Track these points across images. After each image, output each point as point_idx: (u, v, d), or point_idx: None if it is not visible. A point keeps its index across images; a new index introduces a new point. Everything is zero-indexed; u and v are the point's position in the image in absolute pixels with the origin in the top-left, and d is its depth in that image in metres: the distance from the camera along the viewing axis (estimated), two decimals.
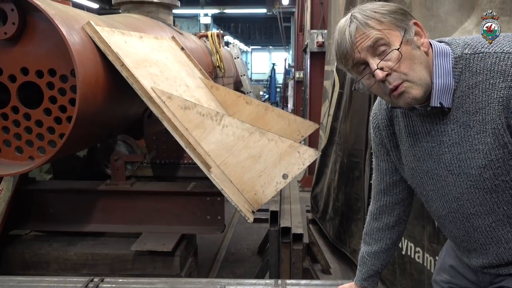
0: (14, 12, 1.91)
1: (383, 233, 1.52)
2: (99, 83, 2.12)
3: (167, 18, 3.75)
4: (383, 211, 1.50)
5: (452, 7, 2.23)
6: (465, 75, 1.14)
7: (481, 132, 1.13)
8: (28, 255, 2.41)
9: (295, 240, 2.78)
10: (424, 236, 2.50)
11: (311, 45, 6.24)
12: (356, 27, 1.14)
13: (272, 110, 3.18)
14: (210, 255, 4.13)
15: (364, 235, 1.57)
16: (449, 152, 1.21)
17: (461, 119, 1.16)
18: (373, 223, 1.54)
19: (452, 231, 1.33)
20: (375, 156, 1.48)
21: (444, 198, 1.27)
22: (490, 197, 1.19)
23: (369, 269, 1.54)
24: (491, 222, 1.22)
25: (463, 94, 1.15)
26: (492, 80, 1.10)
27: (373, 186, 1.53)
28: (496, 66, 1.09)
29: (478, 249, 1.29)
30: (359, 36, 1.14)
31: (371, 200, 1.55)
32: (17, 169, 2.06)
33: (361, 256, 1.57)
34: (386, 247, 1.53)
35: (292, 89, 12.03)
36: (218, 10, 17.94)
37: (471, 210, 1.23)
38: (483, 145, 1.14)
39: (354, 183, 3.53)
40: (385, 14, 1.14)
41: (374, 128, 1.43)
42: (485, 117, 1.12)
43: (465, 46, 1.16)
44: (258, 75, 29.84)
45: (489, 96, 1.10)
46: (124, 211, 2.55)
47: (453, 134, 1.19)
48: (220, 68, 4.68)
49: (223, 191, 2.10)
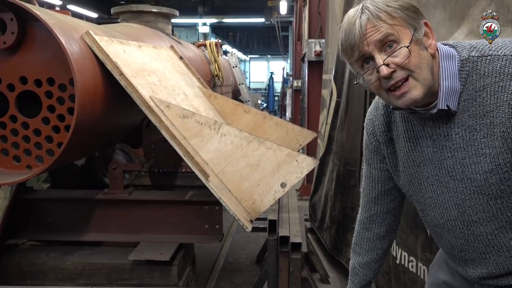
0: (13, 21, 1.91)
1: (374, 243, 1.48)
2: (97, 92, 2.12)
3: (166, 28, 3.77)
4: (373, 221, 1.46)
5: (443, 17, 2.25)
6: (472, 77, 1.12)
7: (489, 136, 1.11)
8: (25, 265, 2.40)
9: (293, 249, 2.77)
10: (417, 245, 2.49)
11: (309, 54, 6.28)
12: (367, 18, 1.10)
13: (270, 119, 3.19)
14: (208, 265, 4.10)
15: (354, 245, 1.53)
16: (452, 157, 1.18)
17: (467, 122, 1.14)
18: (363, 232, 1.50)
19: (450, 241, 1.29)
20: (367, 163, 1.44)
21: (444, 205, 1.24)
22: (494, 203, 1.15)
23: (361, 279, 1.51)
24: (493, 230, 1.19)
25: (470, 97, 1.13)
26: (501, 83, 1.08)
27: (362, 194, 1.48)
28: (506, 69, 1.08)
29: (477, 258, 1.25)
30: (370, 28, 1.11)
31: (359, 209, 1.51)
32: (15, 178, 2.05)
33: (352, 267, 1.53)
34: (377, 257, 1.49)
35: (290, 97, 12.07)
36: (217, 19, 18.06)
37: (473, 217, 1.20)
38: (490, 149, 1.11)
39: (350, 192, 3.53)
40: (398, 9, 1.11)
41: (369, 134, 1.39)
42: (493, 120, 1.09)
43: (471, 49, 1.14)
44: (256, 84, 29.96)
45: (498, 98, 1.08)
46: (122, 220, 2.54)
47: (457, 138, 1.16)
48: (218, 77, 4.70)
49: (221, 200, 2.10)
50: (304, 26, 6.85)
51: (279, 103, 18.85)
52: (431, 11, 2.32)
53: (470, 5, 2.07)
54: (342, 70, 3.88)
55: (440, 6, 2.29)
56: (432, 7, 2.33)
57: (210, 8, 17.29)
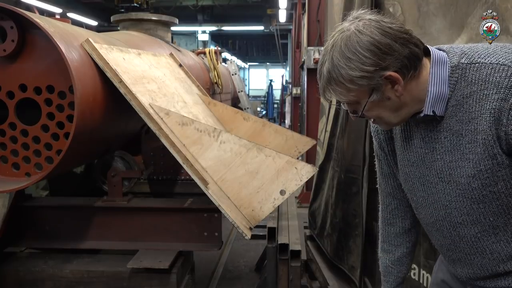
0: (13, 29, 1.92)
1: (402, 238, 1.50)
2: (97, 100, 2.13)
3: (166, 35, 3.79)
4: (396, 215, 1.49)
5: (443, 25, 2.27)
6: (460, 84, 1.15)
7: (472, 142, 1.14)
8: (23, 273, 2.38)
9: (293, 256, 2.76)
10: (420, 252, 2.49)
11: (308, 62, 6.30)
12: (327, 81, 1.17)
13: (269, 126, 3.19)
14: (207, 272, 4.09)
15: (382, 243, 1.54)
16: (441, 159, 1.22)
17: (454, 127, 1.17)
18: (388, 229, 1.52)
19: (439, 240, 1.33)
20: (377, 159, 1.49)
21: (433, 206, 1.28)
22: (477, 207, 1.19)
23: (396, 277, 1.52)
24: (476, 233, 1.22)
25: (458, 103, 1.16)
26: (486, 91, 1.10)
27: (379, 190, 1.52)
28: (490, 77, 1.10)
29: (463, 259, 1.29)
30: (332, 87, 1.18)
31: (380, 205, 1.54)
32: (14, 185, 2.05)
33: (384, 266, 1.54)
34: (407, 250, 1.51)
35: (289, 105, 12.10)
36: (216, 27, 18.12)
37: (458, 219, 1.23)
38: (473, 155, 1.15)
39: (352, 199, 3.52)
40: (355, 78, 1.12)
41: (373, 132, 1.46)
42: (477, 127, 1.13)
43: (462, 55, 1.17)
44: (256, 91, 30.01)
45: (482, 106, 1.11)
46: (120, 228, 2.53)
47: (446, 142, 1.20)
48: (218, 85, 4.71)
49: (221, 208, 2.09)
50: (303, 34, 6.88)
51: (278, 110, 18.88)
52: (432, 19, 2.34)
53: (468, 14, 2.09)
54: None
55: (441, 14, 2.31)
56: (433, 15, 2.35)
57: (209, 16, 17.36)
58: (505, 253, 1.22)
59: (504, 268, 1.24)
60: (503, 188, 1.15)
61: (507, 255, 1.22)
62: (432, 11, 2.35)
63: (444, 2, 2.28)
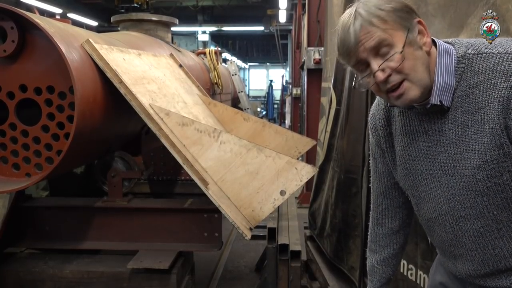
0: (13, 30, 1.92)
1: (389, 239, 1.50)
2: (97, 100, 2.13)
3: (166, 36, 3.79)
4: (385, 215, 1.48)
5: (442, 26, 2.27)
6: (466, 74, 1.15)
7: (479, 132, 1.13)
8: (23, 273, 2.38)
9: (293, 257, 2.76)
10: (417, 253, 2.49)
11: (308, 62, 6.31)
12: (360, 25, 1.13)
13: (269, 127, 3.19)
14: (207, 273, 4.09)
15: (370, 243, 1.54)
16: (445, 152, 1.21)
17: (460, 118, 1.16)
18: (376, 228, 1.51)
19: (441, 235, 1.32)
20: (372, 157, 1.48)
21: (436, 200, 1.27)
22: (481, 200, 1.18)
23: (380, 277, 1.52)
24: (479, 227, 1.22)
25: (463, 93, 1.15)
26: (494, 80, 1.10)
27: (372, 189, 1.51)
28: (498, 66, 1.10)
29: (464, 254, 1.28)
30: (363, 35, 1.13)
31: (371, 204, 1.53)
32: (14, 186, 2.05)
33: (370, 266, 1.54)
34: (394, 252, 1.51)
35: (289, 105, 12.11)
36: (216, 27, 18.13)
37: (461, 212, 1.23)
38: (479, 145, 1.14)
39: (351, 200, 3.52)
40: (390, 12, 1.13)
41: (371, 128, 1.44)
42: (484, 117, 1.12)
43: (468, 46, 1.17)
44: (256, 91, 30.04)
45: (490, 95, 1.11)
46: (120, 228, 2.53)
47: (451, 133, 1.19)
48: (218, 85, 4.71)
49: (221, 208, 2.09)
50: (303, 34, 6.88)
51: (278, 110, 18.88)
52: (431, 19, 2.34)
53: (468, 14, 2.09)
54: (341, 78, 3.89)
55: (439, 15, 2.31)
56: (432, 15, 2.35)
57: (209, 16, 17.38)
58: (507, 248, 1.22)
59: (505, 264, 1.23)
60: (508, 179, 1.14)
61: (509, 251, 1.22)
62: (431, 11, 2.35)
63: (443, 2, 2.28)
